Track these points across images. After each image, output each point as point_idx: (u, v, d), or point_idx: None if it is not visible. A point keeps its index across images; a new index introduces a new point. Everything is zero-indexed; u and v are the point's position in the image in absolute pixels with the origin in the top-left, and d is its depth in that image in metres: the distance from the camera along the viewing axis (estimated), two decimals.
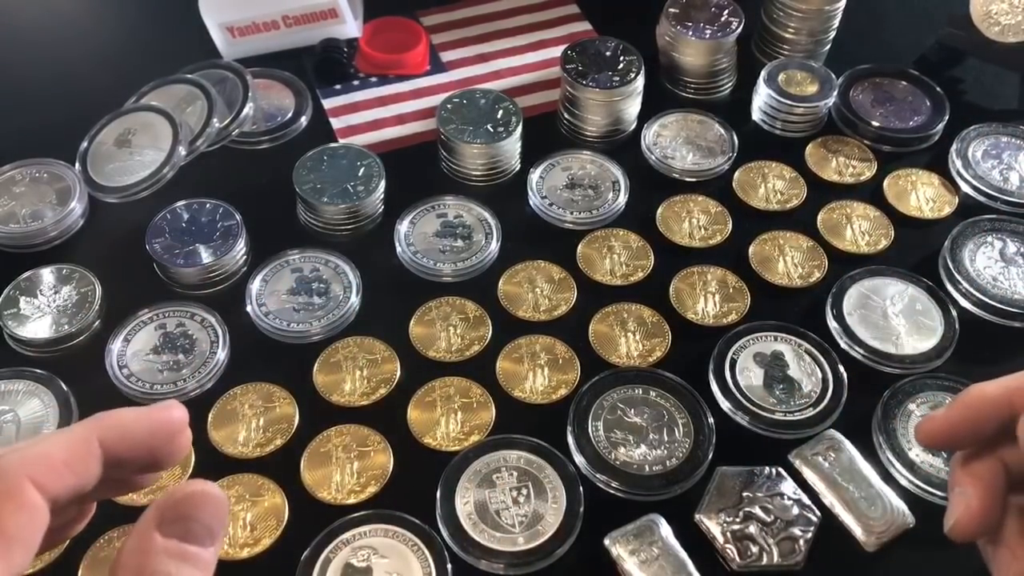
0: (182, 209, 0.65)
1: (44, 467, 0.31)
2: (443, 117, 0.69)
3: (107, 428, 0.33)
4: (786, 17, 0.76)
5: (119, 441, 0.33)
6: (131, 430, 0.33)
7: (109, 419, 0.33)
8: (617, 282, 0.64)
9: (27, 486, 0.30)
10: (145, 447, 0.34)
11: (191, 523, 0.32)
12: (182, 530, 0.32)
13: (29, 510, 0.30)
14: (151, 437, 0.34)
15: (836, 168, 0.71)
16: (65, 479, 0.31)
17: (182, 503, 0.32)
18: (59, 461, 0.31)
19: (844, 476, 0.54)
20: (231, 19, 0.75)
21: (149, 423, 0.34)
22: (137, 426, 0.34)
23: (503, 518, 0.52)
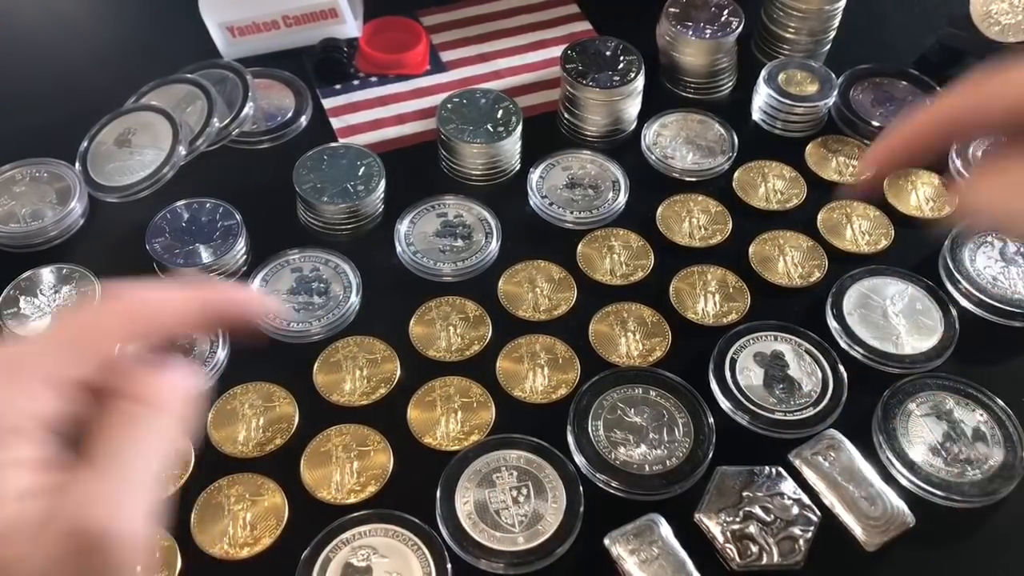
0: (182, 209, 0.65)
1: (145, 306, 0.34)
2: (443, 117, 0.69)
3: (213, 297, 0.36)
4: (786, 17, 0.76)
5: (216, 309, 0.36)
6: (227, 305, 0.36)
7: (216, 292, 0.37)
8: (617, 282, 0.64)
9: (121, 313, 0.33)
10: (232, 314, 0.37)
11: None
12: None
13: (110, 333, 0.32)
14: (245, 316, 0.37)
15: (836, 168, 0.71)
16: (158, 322, 0.34)
17: None
18: (156, 305, 0.34)
19: (844, 476, 0.54)
20: (231, 19, 0.75)
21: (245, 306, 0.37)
22: (230, 301, 0.36)
23: (503, 518, 0.52)
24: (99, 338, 0.32)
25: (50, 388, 0.30)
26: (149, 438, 0.31)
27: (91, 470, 0.30)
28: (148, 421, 0.31)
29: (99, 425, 0.31)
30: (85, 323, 0.33)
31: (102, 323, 0.32)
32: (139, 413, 0.31)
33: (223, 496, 0.53)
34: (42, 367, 0.31)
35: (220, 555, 0.51)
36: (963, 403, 0.57)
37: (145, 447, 0.31)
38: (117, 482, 0.30)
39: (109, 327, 0.32)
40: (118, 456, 0.30)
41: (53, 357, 0.31)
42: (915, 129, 0.42)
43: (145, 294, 0.34)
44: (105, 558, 0.28)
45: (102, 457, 0.30)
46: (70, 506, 0.28)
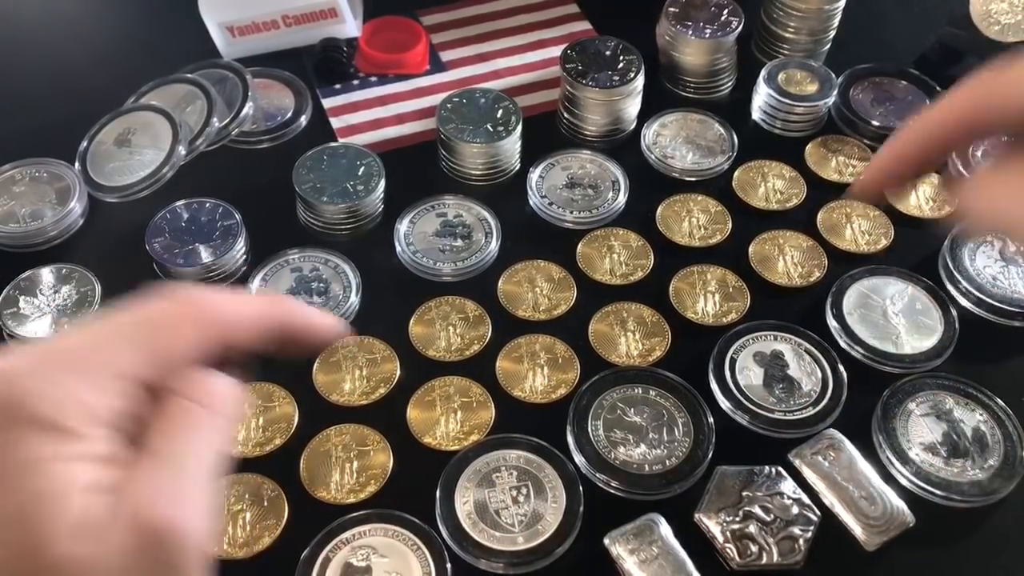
0: (182, 209, 0.65)
1: (222, 316, 0.33)
2: (443, 116, 0.69)
3: (282, 311, 0.36)
4: (786, 17, 0.76)
5: (286, 328, 0.36)
6: (299, 326, 0.36)
7: (288, 307, 0.36)
8: (617, 281, 0.64)
9: (200, 321, 0.32)
10: (301, 341, 0.37)
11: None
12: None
13: (188, 339, 0.32)
14: (310, 336, 0.37)
15: (836, 167, 0.71)
16: (231, 335, 0.33)
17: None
18: (232, 318, 0.34)
19: (844, 476, 0.54)
20: (231, 19, 0.75)
21: (314, 326, 0.37)
22: (304, 324, 0.36)
23: (503, 517, 0.52)
24: (173, 341, 0.32)
25: (118, 385, 0.30)
26: (209, 435, 0.31)
27: (153, 464, 0.30)
28: (208, 419, 0.31)
29: (159, 421, 0.31)
30: (161, 323, 0.32)
31: (178, 326, 0.32)
32: (199, 411, 0.31)
33: (222, 496, 0.53)
34: (113, 363, 0.30)
35: (220, 555, 0.51)
36: (963, 403, 0.57)
37: (206, 444, 0.31)
38: (180, 477, 0.30)
39: (184, 331, 0.32)
40: (180, 451, 0.30)
41: (126, 354, 0.31)
42: (919, 136, 0.42)
43: (222, 302, 0.33)
44: (172, 552, 0.28)
45: (165, 452, 0.30)
46: (136, 500, 0.28)
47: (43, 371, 0.29)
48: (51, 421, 0.28)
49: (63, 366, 0.30)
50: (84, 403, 0.29)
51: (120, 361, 0.30)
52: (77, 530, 0.27)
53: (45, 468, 0.28)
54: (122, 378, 0.30)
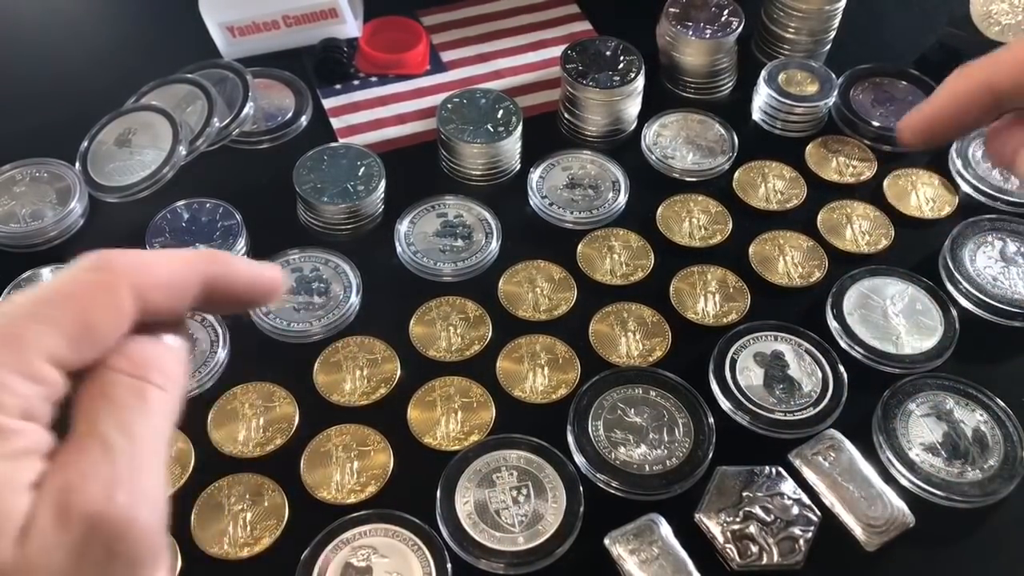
0: (182, 209, 0.65)
1: (149, 279, 0.30)
2: (443, 117, 0.69)
3: (216, 267, 0.32)
4: (786, 17, 0.76)
5: (220, 283, 0.32)
6: (236, 280, 0.33)
7: (221, 261, 0.33)
8: (617, 282, 0.64)
9: (125, 288, 0.29)
10: (241, 297, 0.34)
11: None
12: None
13: (118, 310, 0.29)
14: (250, 291, 0.34)
15: (836, 168, 0.71)
16: (161, 298, 0.30)
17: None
18: (163, 280, 0.31)
19: (844, 476, 0.54)
20: (231, 19, 0.75)
21: (253, 279, 0.34)
22: (241, 278, 0.33)
23: (503, 518, 0.52)
24: (95, 316, 0.29)
25: (43, 371, 0.27)
26: (158, 414, 0.28)
27: (80, 449, 0.27)
28: (154, 395, 0.29)
29: (85, 400, 0.28)
30: (81, 297, 0.29)
31: (98, 298, 0.29)
32: (129, 383, 0.28)
33: (223, 496, 0.53)
34: (36, 348, 0.27)
35: (220, 555, 0.51)
36: (963, 403, 0.57)
37: (155, 424, 0.28)
38: (112, 459, 0.27)
39: (106, 302, 0.29)
40: (110, 431, 0.27)
41: (47, 338, 0.28)
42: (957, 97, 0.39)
43: (145, 262, 0.30)
44: (116, 544, 0.26)
45: (93, 433, 0.27)
46: (67, 492, 0.26)
47: None
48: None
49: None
50: (16, 397, 0.27)
51: (39, 345, 0.27)
52: (28, 529, 0.25)
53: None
54: (45, 362, 0.27)
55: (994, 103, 0.38)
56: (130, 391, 0.28)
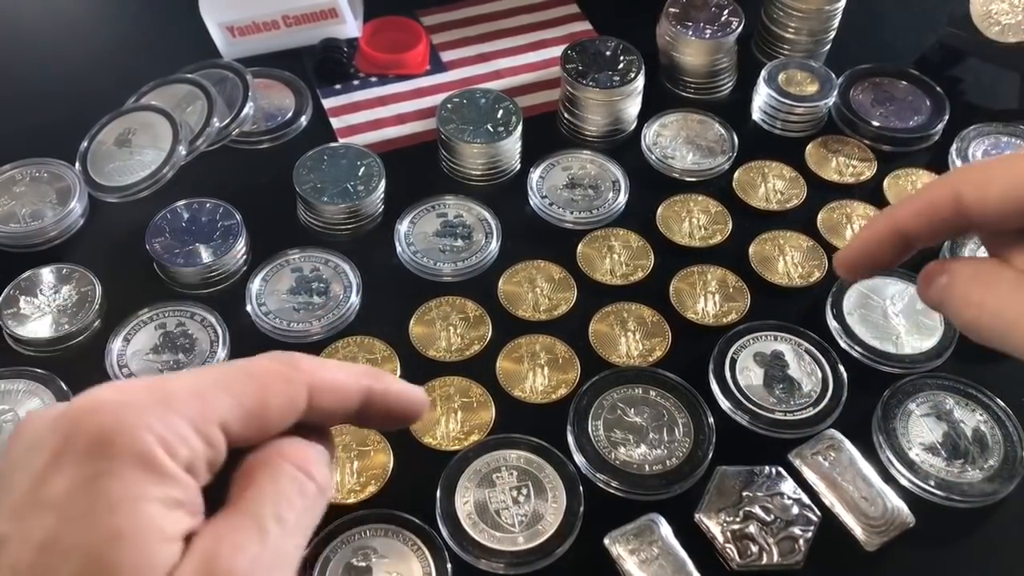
0: (182, 209, 0.65)
1: (324, 383, 0.32)
2: (443, 117, 0.69)
3: (378, 384, 0.34)
4: (786, 17, 0.76)
5: (378, 399, 0.34)
6: (392, 399, 0.35)
7: (382, 379, 0.35)
8: (617, 282, 0.64)
9: (303, 384, 0.31)
10: (392, 415, 0.35)
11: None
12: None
13: (293, 401, 0.31)
14: (400, 410, 0.35)
15: (836, 168, 0.71)
16: (328, 402, 0.32)
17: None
18: (335, 386, 0.33)
19: (844, 476, 0.54)
20: (231, 19, 0.75)
21: (406, 400, 0.35)
22: (396, 398, 0.35)
23: (503, 518, 0.52)
24: (269, 397, 0.30)
25: (213, 433, 0.29)
26: (311, 513, 0.30)
27: (238, 523, 0.28)
28: (314, 495, 0.30)
29: (248, 476, 0.30)
30: (260, 377, 0.31)
31: (275, 382, 0.31)
32: (307, 484, 0.30)
33: None
34: (214, 410, 0.29)
35: None
36: (963, 403, 0.57)
37: (307, 522, 0.30)
38: (279, 551, 0.28)
39: (280, 388, 0.31)
40: (269, 514, 0.29)
41: (225, 404, 0.30)
42: (874, 236, 0.42)
43: (319, 365, 0.32)
44: None
45: (252, 512, 0.29)
46: (215, 558, 0.27)
47: (150, 407, 0.28)
48: (150, 458, 0.27)
49: (168, 405, 0.28)
50: (185, 446, 0.28)
51: (219, 409, 0.29)
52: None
53: (134, 508, 0.26)
54: (218, 427, 0.29)
55: (903, 243, 0.41)
56: (295, 484, 0.30)
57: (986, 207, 0.37)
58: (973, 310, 0.38)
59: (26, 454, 0.28)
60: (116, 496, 0.26)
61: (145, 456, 0.27)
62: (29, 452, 0.28)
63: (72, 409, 0.28)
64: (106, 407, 0.28)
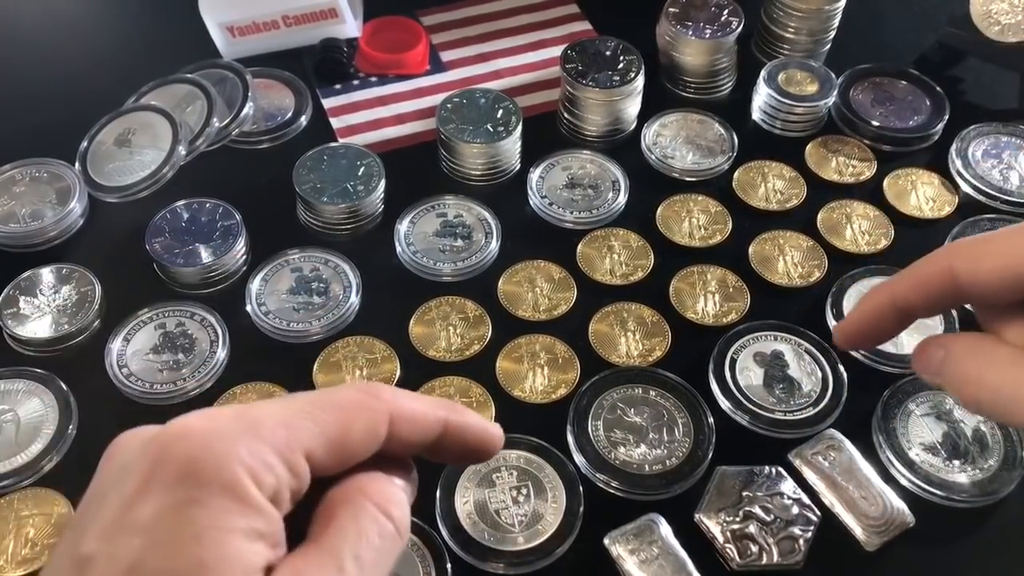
0: (182, 209, 0.65)
1: (405, 412, 0.33)
2: (443, 117, 0.69)
3: (456, 416, 0.35)
4: (786, 17, 0.76)
5: (455, 432, 0.35)
6: (468, 432, 0.35)
7: (460, 411, 0.35)
8: (617, 282, 0.64)
9: (385, 413, 0.32)
10: (469, 448, 0.36)
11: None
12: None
13: (375, 430, 0.32)
14: (477, 444, 0.36)
15: (836, 168, 0.71)
16: (408, 433, 0.33)
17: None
18: (415, 416, 0.33)
19: (844, 476, 0.54)
20: (231, 19, 0.75)
21: (482, 434, 0.36)
22: (473, 432, 0.35)
23: (503, 517, 0.52)
24: (352, 425, 0.31)
25: (298, 463, 0.29)
26: (390, 555, 0.30)
27: (323, 562, 0.28)
28: (392, 537, 0.31)
29: (345, 519, 0.30)
30: (343, 406, 0.31)
31: (358, 411, 0.31)
32: (387, 527, 0.30)
33: None
34: (299, 440, 0.29)
35: None
36: None
37: (384, 564, 0.30)
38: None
39: (363, 417, 0.31)
40: (361, 566, 0.29)
41: (309, 432, 0.30)
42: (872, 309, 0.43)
43: (400, 394, 0.33)
44: None
45: (348, 562, 0.29)
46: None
47: (239, 436, 0.28)
48: (237, 489, 0.27)
49: (256, 434, 0.29)
50: (271, 475, 0.28)
51: (305, 438, 0.30)
52: None
53: (219, 538, 0.27)
54: (303, 456, 0.29)
55: (901, 316, 0.42)
56: (376, 525, 0.30)
57: (978, 282, 0.39)
58: (972, 387, 0.39)
59: (117, 476, 0.28)
60: (202, 525, 0.27)
61: (232, 486, 0.27)
62: (120, 474, 0.28)
63: (163, 434, 0.28)
64: (195, 435, 0.28)
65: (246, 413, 0.30)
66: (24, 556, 0.50)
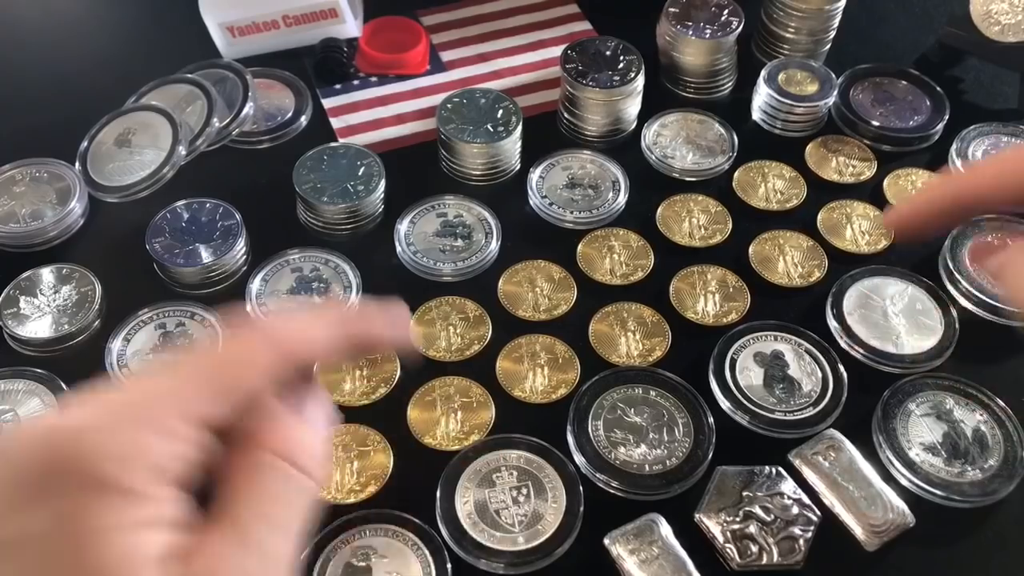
0: (182, 209, 0.65)
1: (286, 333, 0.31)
2: (443, 117, 0.69)
3: (353, 328, 0.34)
4: (786, 17, 0.76)
5: (362, 335, 0.34)
6: (376, 335, 0.34)
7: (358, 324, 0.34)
8: (617, 282, 0.64)
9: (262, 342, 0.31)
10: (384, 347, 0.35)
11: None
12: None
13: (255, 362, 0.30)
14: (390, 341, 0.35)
15: (836, 168, 0.71)
16: (310, 355, 0.32)
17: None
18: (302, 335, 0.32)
19: (844, 476, 0.54)
20: (231, 19, 0.75)
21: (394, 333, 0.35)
22: (382, 333, 0.35)
23: (503, 518, 0.52)
24: (241, 370, 0.29)
25: (184, 429, 0.27)
26: (299, 507, 0.28)
27: (231, 537, 0.27)
28: (298, 486, 0.29)
29: (236, 477, 0.28)
30: (227, 356, 0.29)
31: (244, 355, 0.29)
32: (282, 469, 0.28)
33: None
34: (178, 405, 0.27)
35: None
36: (963, 403, 0.57)
37: (296, 517, 0.28)
38: (260, 554, 0.27)
39: (252, 359, 0.29)
40: (261, 522, 0.27)
41: (190, 393, 0.28)
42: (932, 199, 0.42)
43: (288, 326, 0.32)
44: None
45: (243, 520, 0.27)
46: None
47: (105, 425, 0.26)
48: (116, 482, 0.25)
49: (125, 418, 0.26)
50: (151, 458, 0.26)
51: (185, 401, 0.27)
52: None
53: (111, 538, 0.25)
54: (188, 421, 0.27)
55: (960, 212, 0.42)
56: (277, 477, 0.28)
57: None
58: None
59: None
60: (86, 528, 0.24)
61: (108, 481, 0.25)
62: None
63: (21, 440, 0.26)
64: (57, 435, 0.26)
65: (120, 396, 0.28)
66: None
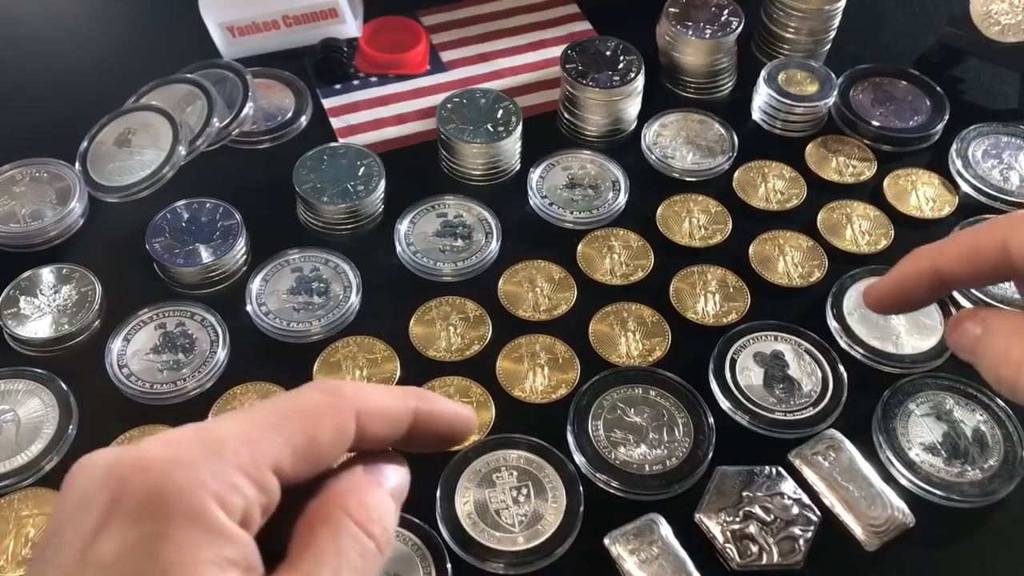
0: (182, 209, 0.65)
1: (371, 408, 0.32)
2: (443, 117, 0.69)
3: (424, 404, 0.34)
4: (786, 17, 0.76)
5: (425, 419, 0.34)
6: (439, 418, 0.35)
7: (428, 398, 0.35)
8: (617, 282, 0.64)
9: (351, 412, 0.31)
10: (441, 434, 0.36)
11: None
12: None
13: (343, 431, 0.31)
14: (449, 429, 0.36)
15: (836, 168, 0.71)
16: (379, 427, 0.33)
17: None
18: (383, 410, 0.33)
19: (844, 476, 0.54)
20: (231, 19, 0.75)
21: (453, 418, 0.36)
22: (443, 417, 0.35)
23: (503, 518, 0.52)
24: (318, 431, 0.30)
25: (267, 483, 0.28)
26: (370, 572, 0.29)
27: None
28: (373, 554, 0.29)
29: (323, 539, 0.29)
30: (307, 412, 0.30)
31: (322, 415, 0.30)
32: (367, 545, 0.29)
33: None
34: (265, 455, 0.28)
35: None
36: (963, 403, 0.57)
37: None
38: None
39: (328, 420, 0.30)
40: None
41: (275, 445, 0.29)
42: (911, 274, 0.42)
43: (364, 391, 0.32)
44: None
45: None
46: None
47: (202, 461, 0.27)
48: (203, 518, 0.26)
49: (219, 456, 0.27)
50: (239, 496, 0.27)
51: (271, 452, 0.28)
52: None
53: (187, 573, 0.25)
54: (271, 471, 0.28)
55: (940, 285, 0.42)
56: (356, 545, 0.29)
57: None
58: (1011, 369, 0.37)
59: (75, 511, 0.27)
60: (168, 560, 0.25)
61: (198, 516, 0.26)
62: (78, 509, 0.27)
63: (119, 465, 0.27)
64: (155, 464, 0.27)
65: (206, 434, 0.28)
66: (24, 556, 0.50)
